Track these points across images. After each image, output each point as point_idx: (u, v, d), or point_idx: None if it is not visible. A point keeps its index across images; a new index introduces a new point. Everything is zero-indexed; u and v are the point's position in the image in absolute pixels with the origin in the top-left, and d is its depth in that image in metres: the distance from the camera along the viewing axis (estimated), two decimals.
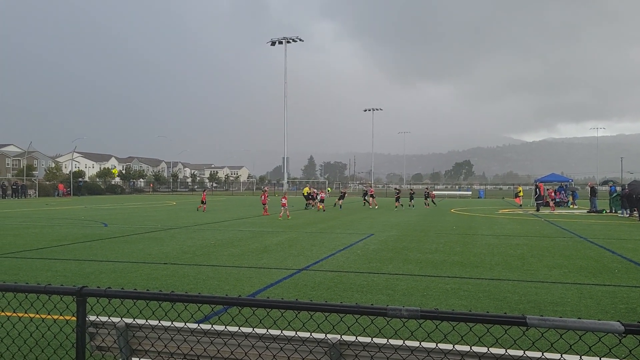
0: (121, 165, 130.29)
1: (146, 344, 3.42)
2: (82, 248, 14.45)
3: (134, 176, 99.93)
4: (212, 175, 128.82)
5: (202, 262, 11.96)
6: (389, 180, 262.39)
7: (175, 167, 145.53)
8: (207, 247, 14.82)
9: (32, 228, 20.68)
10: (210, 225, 22.29)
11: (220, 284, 9.46)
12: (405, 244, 15.63)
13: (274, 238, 17.31)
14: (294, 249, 14.54)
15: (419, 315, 2.80)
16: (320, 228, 21.39)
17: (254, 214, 30.28)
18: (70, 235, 17.79)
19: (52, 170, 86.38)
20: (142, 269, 11.07)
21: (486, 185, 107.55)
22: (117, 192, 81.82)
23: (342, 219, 26.75)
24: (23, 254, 13.20)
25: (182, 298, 3.12)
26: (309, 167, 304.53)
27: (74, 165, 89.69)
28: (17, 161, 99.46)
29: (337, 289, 8.98)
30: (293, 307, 2.95)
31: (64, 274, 10.40)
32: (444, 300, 8.16)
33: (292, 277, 10.17)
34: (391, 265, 11.68)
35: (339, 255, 13.20)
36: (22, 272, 10.60)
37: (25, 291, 3.29)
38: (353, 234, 18.73)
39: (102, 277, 10.07)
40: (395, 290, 8.88)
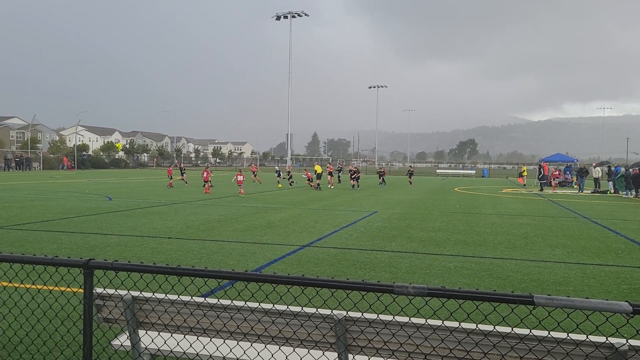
0: (125, 139, 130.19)
1: (153, 317, 3.43)
2: (87, 221, 14.52)
3: (137, 150, 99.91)
4: (215, 151, 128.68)
5: (206, 237, 12.01)
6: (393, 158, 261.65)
7: (179, 142, 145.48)
8: (210, 222, 14.88)
9: (37, 201, 20.77)
10: (214, 201, 22.34)
11: (225, 258, 9.51)
12: (409, 222, 15.65)
13: (278, 214, 17.35)
14: (298, 225, 14.58)
15: (425, 292, 2.80)
16: (323, 205, 21.42)
17: (257, 190, 30.32)
18: (75, 209, 17.86)
19: (56, 144, 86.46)
20: (147, 242, 11.13)
21: (490, 164, 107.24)
22: (120, 166, 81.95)
23: (346, 197, 26.78)
24: (29, 226, 13.28)
25: (188, 272, 3.12)
26: (313, 144, 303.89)
27: (78, 138, 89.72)
28: (22, 134, 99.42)
29: (340, 266, 9.02)
30: (299, 282, 2.95)
31: (70, 246, 10.46)
32: (447, 278, 8.19)
33: (295, 253, 10.21)
34: (394, 242, 11.71)
35: (342, 232, 13.24)
36: (28, 244, 10.67)
37: (32, 263, 3.30)
38: (356, 212, 18.75)
39: (107, 250, 10.13)
40: (398, 268, 8.92)
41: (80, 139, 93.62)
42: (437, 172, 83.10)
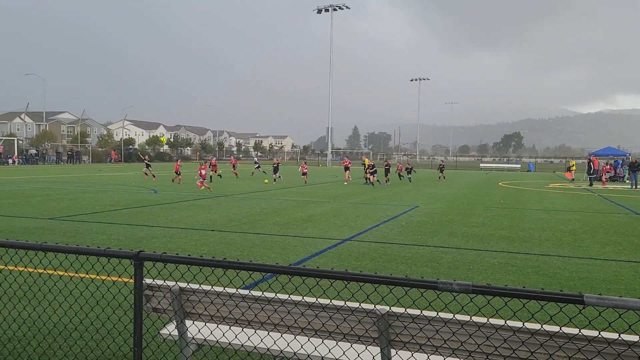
0: (169, 133, 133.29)
1: (199, 308, 3.52)
2: (134, 213, 14.99)
3: (181, 144, 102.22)
4: (256, 145, 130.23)
5: (248, 230, 12.20)
6: (435, 152, 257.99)
7: (221, 136, 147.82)
8: (252, 215, 15.09)
9: (87, 193, 21.57)
10: (255, 194, 22.63)
11: (266, 251, 9.64)
12: (451, 217, 15.43)
13: (318, 208, 17.43)
14: (338, 219, 14.60)
15: (470, 289, 2.76)
16: (364, 199, 21.37)
17: (297, 184, 30.50)
18: (123, 201, 18.46)
19: (104, 138, 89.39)
20: (191, 235, 11.40)
21: (536, 158, 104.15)
22: (165, 159, 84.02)
23: (386, 191, 26.62)
24: (79, 218, 13.82)
25: (234, 265, 3.19)
26: (353, 137, 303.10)
27: (124, 132, 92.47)
28: (72, 128, 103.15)
29: (381, 260, 8.99)
30: (342, 277, 2.97)
31: (118, 237, 10.82)
32: (491, 274, 8.05)
33: (336, 247, 10.24)
34: (436, 237, 11.57)
35: (383, 227, 13.18)
36: (79, 234, 11.11)
37: (86, 253, 3.44)
38: (397, 206, 18.62)
39: (153, 241, 10.43)
40: (440, 263, 8.82)
41: (126, 133, 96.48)
42: (480, 166, 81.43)
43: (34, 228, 11.86)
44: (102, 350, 4.45)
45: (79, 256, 3.60)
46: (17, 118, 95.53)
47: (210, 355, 4.25)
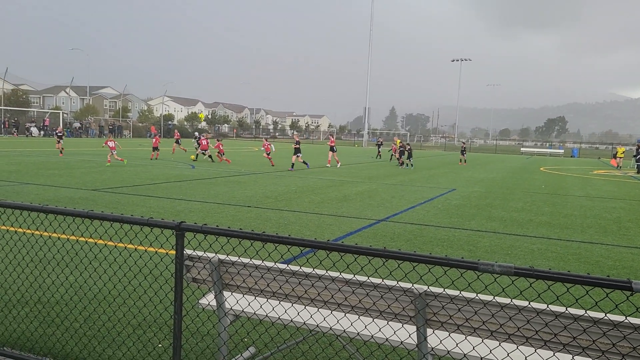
0: (207, 110, 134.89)
1: (238, 280, 3.58)
2: (172, 187, 15.31)
3: (219, 121, 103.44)
4: (293, 123, 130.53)
5: (284, 207, 12.29)
6: (474, 134, 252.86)
7: (258, 114, 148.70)
8: (288, 193, 15.19)
9: (128, 167, 22.14)
10: (291, 173, 22.75)
11: (302, 229, 9.71)
12: (489, 201, 15.17)
13: (354, 188, 17.40)
14: (374, 199, 14.56)
15: (512, 272, 2.71)
16: (400, 180, 21.21)
17: (333, 163, 30.50)
18: (162, 175, 18.87)
19: (145, 113, 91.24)
20: (228, 210, 11.57)
21: (581, 143, 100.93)
22: (203, 135, 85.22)
23: (423, 173, 26.34)
24: (121, 190, 14.21)
25: (272, 239, 3.21)
26: (390, 118, 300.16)
27: (164, 108, 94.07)
28: (114, 103, 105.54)
29: (417, 242, 8.93)
30: (381, 254, 2.95)
31: (158, 210, 11.09)
32: (530, 260, 7.89)
33: (371, 227, 10.23)
34: (474, 221, 11.41)
35: (419, 209, 13.07)
36: (121, 206, 11.43)
37: (130, 222, 3.53)
38: (434, 188, 18.41)
39: (191, 215, 10.64)
40: (477, 247, 8.70)
41: (166, 109, 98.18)
42: (521, 150, 79.51)
43: (78, 198, 12.27)
44: (144, 317, 4.60)
45: (122, 226, 3.70)
46: (62, 92, 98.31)
47: (247, 326, 4.35)
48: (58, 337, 4.25)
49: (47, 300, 5.01)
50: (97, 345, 4.15)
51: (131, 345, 4.13)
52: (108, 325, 4.48)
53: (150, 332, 4.43)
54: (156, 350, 4.10)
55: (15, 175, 16.85)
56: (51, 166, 20.58)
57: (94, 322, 4.47)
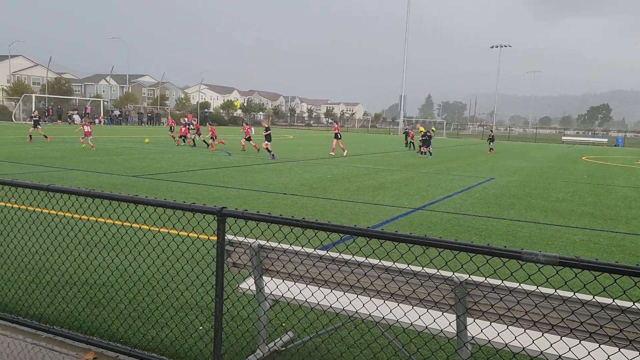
0: (243, 98, 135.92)
1: (277, 265, 3.63)
2: (209, 174, 15.56)
3: (254, 109, 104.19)
4: (328, 111, 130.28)
5: (319, 195, 12.34)
6: (513, 122, 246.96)
7: (293, 102, 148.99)
8: (323, 180, 15.23)
9: (166, 154, 22.60)
10: (326, 160, 22.78)
11: (337, 217, 9.73)
12: (529, 191, 14.84)
13: (390, 176, 17.31)
14: (410, 188, 14.45)
15: (557, 261, 2.66)
16: (436, 169, 20.97)
17: (369, 151, 30.38)
18: (199, 162, 19.19)
19: (182, 101, 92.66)
20: (264, 197, 11.70)
21: (625, 132, 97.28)
22: (238, 123, 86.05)
23: (460, 162, 25.96)
24: (160, 177, 14.53)
25: (312, 225, 3.24)
26: (426, 106, 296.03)
27: (200, 96, 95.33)
28: (152, 91, 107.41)
29: (454, 231, 8.84)
30: (422, 242, 2.94)
31: (196, 197, 11.30)
32: (571, 251, 7.71)
33: (407, 216, 10.17)
34: (512, 211, 11.20)
35: (456, 198, 12.91)
36: (160, 192, 11.70)
37: (173, 207, 3.61)
38: (471, 177, 18.13)
39: (228, 202, 10.81)
40: (516, 237, 8.55)
41: (202, 97, 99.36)
42: (562, 139, 77.28)
43: (120, 184, 12.62)
44: (186, 299, 4.73)
45: (166, 211, 3.79)
46: (102, 80, 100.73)
47: (286, 311, 4.42)
48: (104, 317, 4.41)
49: (94, 282, 5.20)
50: (141, 326, 4.29)
51: (173, 327, 4.26)
52: (152, 307, 4.62)
53: (192, 314, 4.55)
54: (198, 332, 4.21)
55: (60, 161, 17.44)
56: (93, 153, 21.20)
57: (138, 304, 4.62)
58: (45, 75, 68.50)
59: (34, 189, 3.97)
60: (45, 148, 22.59)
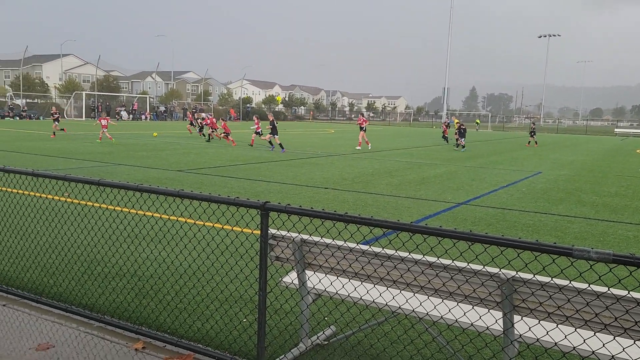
0: (284, 92, 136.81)
1: (320, 259, 3.64)
2: (252, 169, 15.75)
3: (295, 104, 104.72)
4: (369, 105, 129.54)
5: (361, 189, 12.30)
6: (561, 114, 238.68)
7: (334, 96, 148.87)
8: (365, 175, 15.17)
9: (209, 148, 23.02)
10: (367, 154, 22.68)
11: (379, 211, 9.68)
12: (579, 185, 14.34)
13: (432, 170, 17.07)
14: (453, 182, 14.21)
15: (610, 259, 2.55)
16: (480, 163, 20.54)
17: (411, 145, 30.05)
18: (242, 157, 19.46)
19: (225, 96, 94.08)
20: (305, 191, 11.75)
21: None
22: (280, 118, 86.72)
23: (506, 155, 25.33)
24: (204, 171, 14.82)
25: (355, 220, 3.23)
26: (470, 98, 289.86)
27: (243, 92, 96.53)
28: (195, 87, 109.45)
29: (500, 226, 8.64)
30: (467, 237, 2.88)
31: (238, 191, 11.46)
32: (625, 248, 7.41)
33: (451, 210, 10.01)
34: (561, 206, 10.84)
35: (501, 192, 12.61)
36: (204, 186, 11.92)
37: (217, 201, 3.67)
38: (517, 171, 17.67)
39: (270, 196, 10.91)
40: (565, 233, 8.28)
41: (244, 92, 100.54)
42: (615, 131, 74.21)
43: (165, 179, 12.94)
44: (230, 292, 4.81)
45: (210, 205, 3.86)
46: (148, 77, 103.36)
47: (329, 305, 4.43)
48: (152, 308, 4.54)
49: (142, 274, 5.36)
50: (187, 317, 4.39)
51: (218, 319, 4.34)
52: (197, 299, 4.72)
53: (236, 307, 4.62)
54: (242, 325, 4.28)
55: (109, 156, 18.04)
56: (140, 148, 21.82)
57: (184, 296, 4.73)
58: (95, 73, 70.92)
59: (86, 183, 4.12)
60: (95, 144, 23.41)
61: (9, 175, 4.72)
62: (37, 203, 7.34)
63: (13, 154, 17.88)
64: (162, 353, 3.81)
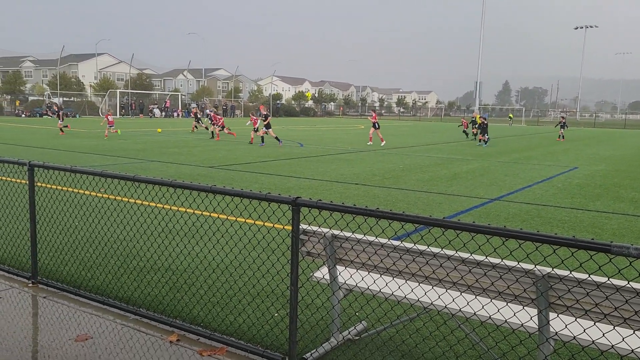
0: (314, 88, 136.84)
1: (351, 255, 3.65)
2: (282, 165, 15.84)
3: (325, 99, 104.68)
4: (399, 100, 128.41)
5: (391, 185, 12.23)
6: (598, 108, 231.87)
7: (364, 92, 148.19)
8: (395, 170, 15.07)
9: (240, 145, 23.24)
10: (398, 150, 22.52)
11: (410, 207, 9.61)
12: (617, 180, 13.93)
13: (464, 166, 16.84)
14: (486, 178, 13.99)
15: None
16: (514, 158, 20.16)
17: (442, 141, 29.70)
18: (272, 153, 19.58)
19: (255, 93, 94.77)
20: (336, 187, 11.75)
21: None
22: (310, 114, 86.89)
23: (541, 150, 24.80)
24: (234, 167, 14.97)
25: (387, 215, 3.22)
26: (503, 93, 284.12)
27: (272, 88, 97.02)
28: (226, 84, 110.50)
29: (534, 222, 8.47)
30: (501, 233, 2.84)
31: (269, 187, 11.54)
32: None
33: (483, 206, 9.86)
34: (599, 202, 10.56)
35: (536, 188, 12.36)
36: (235, 182, 12.05)
37: (249, 197, 3.71)
38: (552, 166, 17.27)
39: (300, 192, 10.95)
40: (603, 230, 8.06)
41: (274, 89, 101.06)
42: None
43: (197, 175, 13.13)
44: (262, 287, 4.87)
45: (242, 201, 3.91)
46: (180, 75, 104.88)
47: (360, 300, 4.43)
48: (186, 302, 4.62)
49: (176, 268, 5.47)
50: (220, 311, 4.46)
51: (250, 313, 4.39)
52: (230, 293, 4.79)
53: (267, 301, 4.67)
54: (274, 319, 4.32)
55: (142, 153, 18.41)
56: (172, 144, 22.19)
57: (217, 290, 4.81)
58: (128, 72, 72.34)
59: (121, 179, 4.22)
60: (129, 141, 23.90)
61: (49, 172, 4.87)
62: (75, 199, 7.56)
63: (52, 151, 18.44)
64: (196, 346, 3.88)
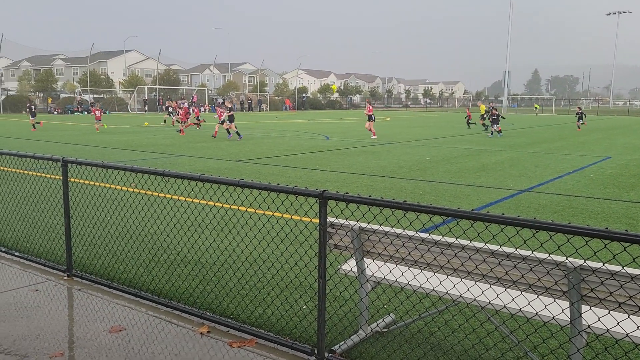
0: (339, 81, 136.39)
1: (379, 247, 3.65)
2: (308, 158, 15.87)
3: (351, 92, 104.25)
4: (426, 91, 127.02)
5: (418, 177, 12.14)
6: (632, 96, 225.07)
7: (390, 83, 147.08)
8: (422, 162, 14.95)
9: (266, 139, 23.36)
10: (425, 142, 22.32)
11: (437, 199, 9.53)
12: None
13: (493, 157, 16.60)
14: (515, 169, 13.77)
15: None
16: (544, 148, 19.77)
17: (469, 132, 29.30)
18: (298, 146, 19.63)
19: (280, 87, 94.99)
20: (362, 180, 11.73)
21: None
22: (335, 107, 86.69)
23: (573, 140, 24.25)
24: (261, 161, 15.08)
25: (414, 207, 3.21)
26: (533, 81, 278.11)
27: (298, 81, 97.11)
28: (252, 78, 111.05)
29: (566, 214, 8.31)
30: (531, 225, 2.80)
31: (296, 180, 11.59)
32: None
33: (513, 198, 9.72)
34: (633, 192, 10.29)
35: (567, 178, 12.10)
36: (262, 176, 12.14)
37: (276, 190, 3.74)
38: (585, 156, 16.88)
39: (327, 184, 10.97)
40: (638, 221, 7.86)
41: (300, 82, 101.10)
42: None
43: (224, 169, 13.27)
44: (290, 279, 4.91)
45: (270, 194, 3.94)
46: (206, 70, 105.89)
47: (388, 292, 4.43)
48: (215, 294, 4.70)
49: (206, 261, 5.55)
50: (249, 303, 4.52)
51: (279, 305, 4.44)
52: (258, 286, 4.85)
53: (296, 294, 4.71)
54: (302, 311, 4.36)
55: (171, 148, 18.68)
56: (200, 139, 22.45)
57: (245, 282, 4.87)
58: (156, 67, 73.38)
59: (151, 174, 4.30)
60: (158, 136, 24.27)
61: (82, 168, 5.00)
62: (107, 193, 7.74)
63: (84, 147, 18.87)
64: (226, 337, 3.94)
